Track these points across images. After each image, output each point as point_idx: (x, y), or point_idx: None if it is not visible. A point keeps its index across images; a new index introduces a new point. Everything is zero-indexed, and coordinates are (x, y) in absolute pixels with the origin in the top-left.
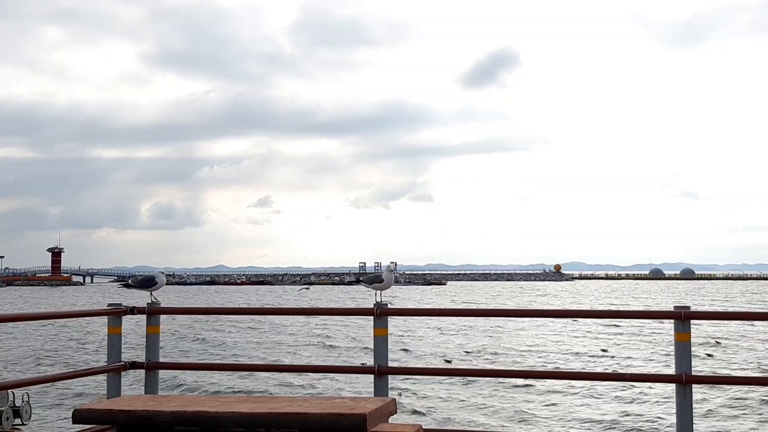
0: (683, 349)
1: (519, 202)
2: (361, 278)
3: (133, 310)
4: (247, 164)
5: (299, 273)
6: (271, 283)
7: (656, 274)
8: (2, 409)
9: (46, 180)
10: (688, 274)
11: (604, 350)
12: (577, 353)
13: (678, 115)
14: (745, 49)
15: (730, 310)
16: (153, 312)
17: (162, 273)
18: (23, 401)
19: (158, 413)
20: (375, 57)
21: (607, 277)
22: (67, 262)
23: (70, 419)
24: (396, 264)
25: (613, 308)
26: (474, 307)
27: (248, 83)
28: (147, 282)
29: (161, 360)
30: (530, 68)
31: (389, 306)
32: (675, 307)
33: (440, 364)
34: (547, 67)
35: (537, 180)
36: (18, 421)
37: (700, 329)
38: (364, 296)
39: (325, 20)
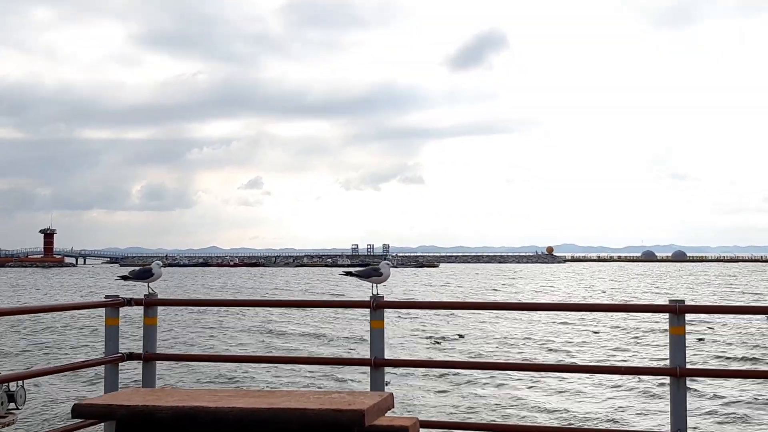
0: (678, 342)
1: (510, 184)
2: (354, 272)
3: (130, 302)
4: (236, 146)
5: (292, 255)
6: (264, 265)
7: (648, 257)
8: None
9: (34, 161)
10: (679, 257)
11: (595, 332)
12: (570, 343)
13: (668, 96)
14: (733, 30)
15: (726, 303)
16: (150, 303)
17: (158, 264)
18: (18, 386)
19: (157, 408)
20: (364, 38)
21: (600, 260)
22: (58, 244)
23: (68, 412)
24: (389, 246)
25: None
26: (470, 300)
27: (237, 64)
28: (144, 274)
29: (158, 351)
30: (518, 50)
31: (385, 298)
32: (670, 300)
33: (436, 357)
34: (535, 48)
35: (528, 162)
36: (13, 405)
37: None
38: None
39: (314, 1)
